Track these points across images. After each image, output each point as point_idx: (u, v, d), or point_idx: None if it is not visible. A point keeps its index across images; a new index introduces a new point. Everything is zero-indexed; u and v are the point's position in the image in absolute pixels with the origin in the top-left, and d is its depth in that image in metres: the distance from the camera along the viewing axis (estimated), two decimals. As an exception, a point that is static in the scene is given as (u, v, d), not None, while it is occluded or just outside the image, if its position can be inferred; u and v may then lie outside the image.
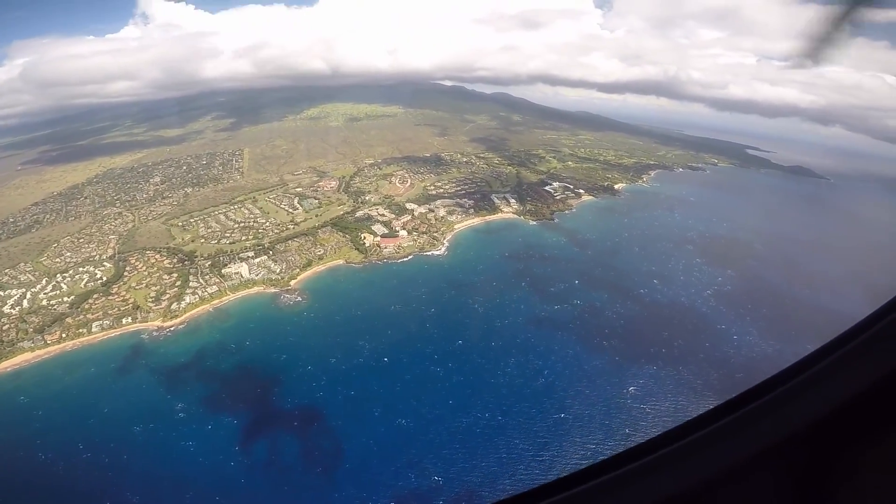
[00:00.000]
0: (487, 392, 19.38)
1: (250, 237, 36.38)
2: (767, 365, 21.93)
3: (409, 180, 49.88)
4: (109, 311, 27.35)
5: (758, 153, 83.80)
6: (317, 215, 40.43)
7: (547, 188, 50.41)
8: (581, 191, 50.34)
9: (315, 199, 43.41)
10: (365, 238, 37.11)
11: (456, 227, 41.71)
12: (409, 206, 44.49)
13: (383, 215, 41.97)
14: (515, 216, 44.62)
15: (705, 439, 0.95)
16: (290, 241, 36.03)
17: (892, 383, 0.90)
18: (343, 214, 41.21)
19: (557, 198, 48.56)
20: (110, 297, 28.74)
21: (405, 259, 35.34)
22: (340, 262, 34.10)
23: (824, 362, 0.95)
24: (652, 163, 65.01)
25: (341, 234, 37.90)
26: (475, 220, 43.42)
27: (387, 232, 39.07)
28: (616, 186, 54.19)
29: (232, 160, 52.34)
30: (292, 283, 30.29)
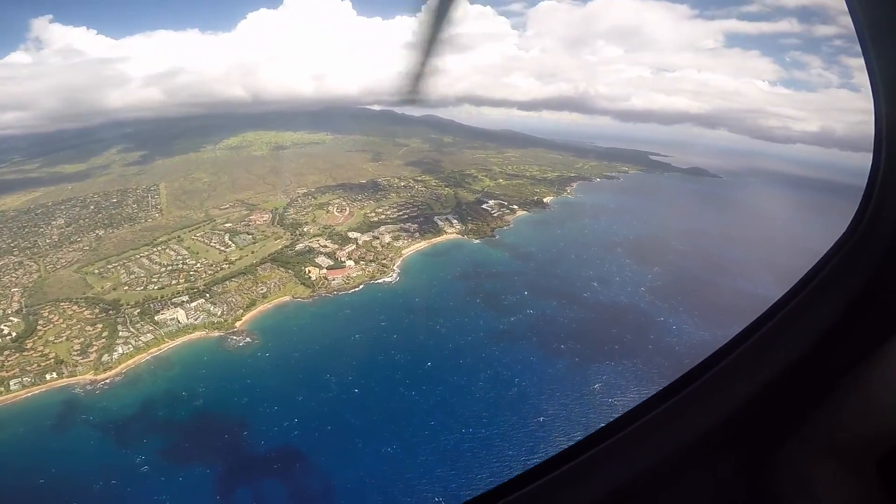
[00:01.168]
0: (466, 408, 20.07)
1: (181, 280, 33.99)
2: (706, 349, 24.95)
3: (348, 208, 49.72)
4: (28, 368, 24.39)
5: (659, 158, 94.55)
6: (252, 251, 38.77)
7: (484, 206, 52.88)
8: (515, 206, 53.47)
9: (248, 234, 41.63)
10: (310, 272, 36.31)
11: (404, 252, 42.18)
12: (352, 234, 44.23)
13: (326, 246, 41.34)
14: (459, 236, 46.21)
15: (642, 430, 0.95)
16: (227, 282, 34.20)
17: (815, 355, 0.96)
18: (282, 249, 39.92)
19: (495, 215, 51.13)
20: (25, 353, 25.57)
21: (356, 289, 35.15)
22: (287, 298, 33.05)
23: (749, 341, 1.02)
24: (573, 175, 70.84)
25: (283, 269, 36.76)
26: (422, 244, 44.23)
27: (332, 263, 38.52)
28: (545, 200, 58.28)
29: (147, 196, 48.49)
30: (237, 324, 28.80)
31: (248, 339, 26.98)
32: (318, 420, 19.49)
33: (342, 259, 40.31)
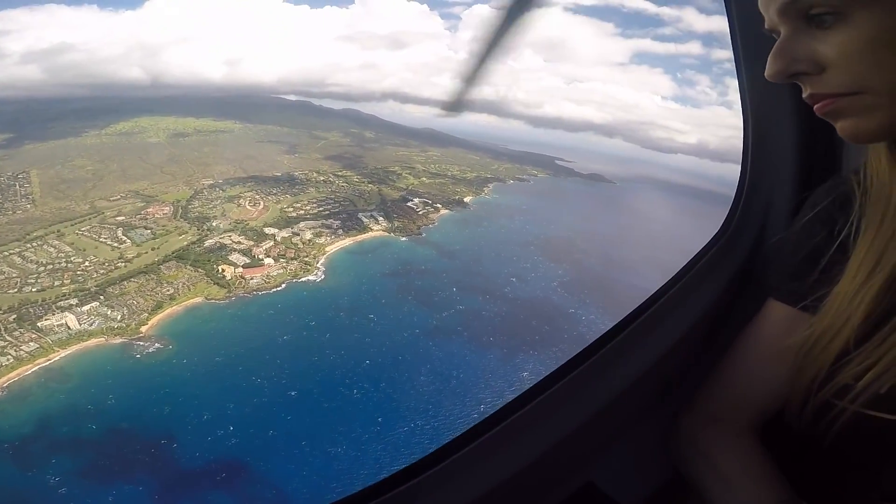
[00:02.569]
0: (411, 402, 21.09)
1: (66, 281, 29.76)
2: (608, 334, 28.96)
3: (262, 202, 47.22)
4: None
5: (564, 164, 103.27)
6: (153, 248, 35.18)
7: (409, 204, 53.82)
8: (439, 205, 55.17)
9: (146, 228, 37.55)
10: (224, 270, 34.12)
11: (327, 249, 41.40)
12: (269, 230, 42.22)
13: (240, 243, 38.92)
14: (386, 234, 46.59)
15: (536, 412, 0.86)
16: (125, 283, 30.75)
17: (695, 337, 1.04)
18: (188, 245, 36.74)
19: (420, 213, 52.31)
20: None
21: (278, 289, 33.97)
22: (199, 300, 30.78)
23: (634, 325, 1.03)
24: (489, 176, 74.69)
25: (192, 268, 34.04)
26: (346, 242, 43.76)
27: (249, 261, 36.55)
28: (465, 199, 60.93)
29: (15, 185, 40.98)
30: (143, 329, 26.22)
31: (157, 345, 24.79)
32: (256, 426, 19.02)
33: (260, 256, 38.27)
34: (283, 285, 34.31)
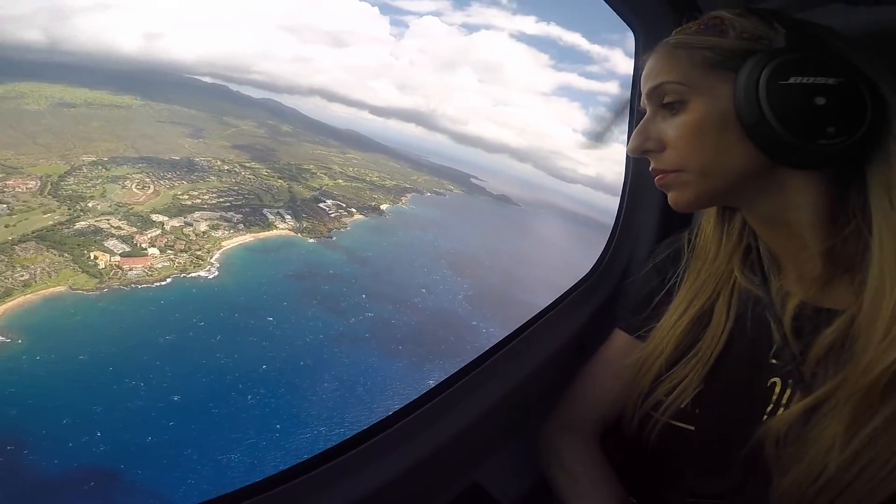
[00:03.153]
0: (315, 408, 20.34)
1: None
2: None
3: (153, 186, 42.61)
4: None
5: (478, 182, 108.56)
6: (7, 225, 29.80)
7: (321, 205, 52.33)
8: (353, 210, 54.43)
9: (2, 203, 31.75)
10: (97, 257, 30.02)
11: (224, 244, 38.44)
12: (157, 217, 38.14)
13: (120, 228, 34.56)
14: (293, 233, 44.64)
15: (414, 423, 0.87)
16: (-42, 264, 25.64)
17: (564, 354, 1.08)
18: (54, 226, 31.73)
19: (332, 216, 51.13)
20: None
21: (162, 283, 30.82)
22: (62, 289, 26.65)
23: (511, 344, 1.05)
24: (408, 186, 75.72)
25: (55, 252, 29.42)
26: (247, 238, 41.02)
27: (129, 250, 32.69)
28: (382, 207, 60.98)
29: None
30: (-19, 320, 21.98)
31: (3, 339, 20.81)
32: (129, 432, 16.79)
33: (142, 245, 34.12)
34: (169, 279, 31.03)
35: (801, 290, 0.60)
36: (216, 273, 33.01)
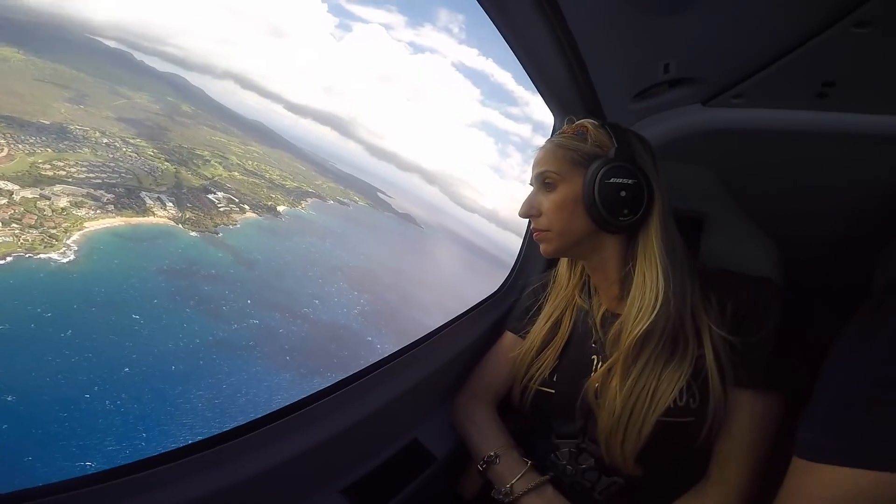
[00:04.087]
0: (188, 417, 18.80)
1: None
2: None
3: (7, 149, 36.27)
4: None
5: (385, 197, 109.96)
6: None
7: (210, 196, 48.72)
8: (246, 206, 51.54)
9: None
10: None
11: (87, 225, 34.05)
12: (5, 185, 32.58)
13: (-53, 190, 28.97)
14: (172, 223, 40.86)
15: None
16: None
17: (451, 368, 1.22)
18: None
19: (221, 209, 47.90)
20: None
21: (1, 262, 26.56)
22: None
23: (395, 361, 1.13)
24: (310, 191, 73.93)
25: None
26: (117, 221, 36.76)
27: (-45, 217, 27.55)
28: (279, 208, 58.68)
29: None
30: None
31: None
32: None
33: (-23, 215, 28.53)
34: (9, 259, 26.40)
35: (606, 304, 0.96)
36: (72, 257, 28.80)
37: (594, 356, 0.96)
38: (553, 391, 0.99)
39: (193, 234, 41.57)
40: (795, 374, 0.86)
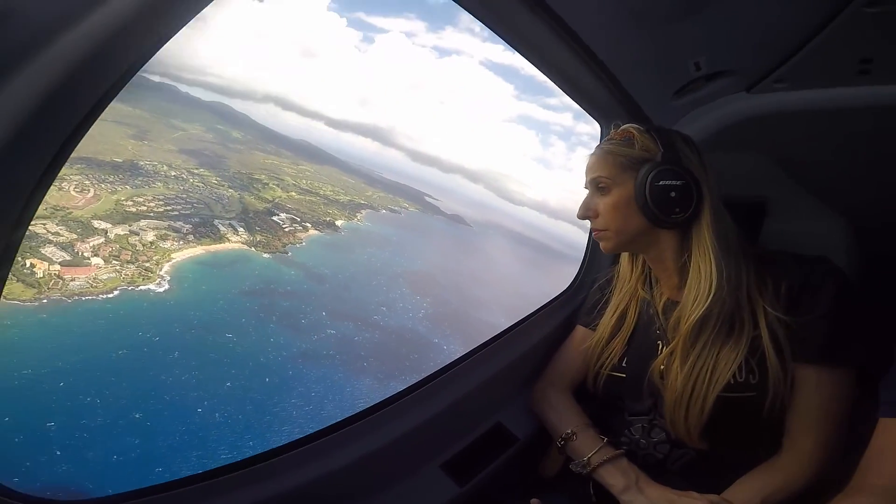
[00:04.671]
0: (285, 426, 20.44)
1: None
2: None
3: (93, 189, 40.49)
4: None
5: (432, 201, 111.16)
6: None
7: (275, 218, 51.68)
8: (308, 224, 54.20)
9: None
10: (35, 266, 28.43)
11: (174, 256, 37.19)
12: (99, 224, 36.37)
13: (58, 234, 32.74)
14: (245, 247, 43.79)
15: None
16: None
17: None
18: (-20, 230, 29.36)
19: (287, 230, 50.67)
20: None
21: (109, 295, 29.58)
22: (-8, 300, 24.89)
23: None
24: (363, 202, 76.34)
25: (-18, 259, 27.30)
26: (198, 250, 39.82)
27: (70, 259, 31.10)
28: (337, 223, 61.05)
29: None
30: None
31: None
32: (90, 449, 16.14)
33: (85, 254, 32.36)
34: (116, 292, 29.69)
35: (667, 292, 1.06)
36: (167, 287, 31.90)
37: (658, 341, 1.06)
38: (623, 375, 1.10)
39: (266, 255, 44.59)
40: (867, 349, 0.91)
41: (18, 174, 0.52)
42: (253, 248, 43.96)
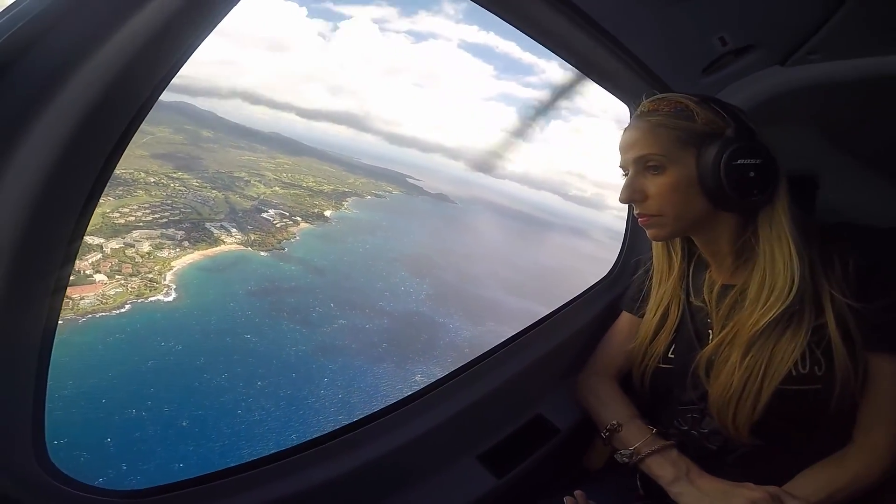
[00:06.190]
0: (320, 416, 21.84)
1: None
2: (477, 341, 34.42)
3: (78, 206, 39.64)
4: None
5: (414, 181, 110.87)
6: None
7: (264, 216, 51.64)
8: (298, 218, 54.26)
9: None
10: (41, 290, 28.50)
11: (174, 264, 37.41)
12: (93, 240, 36.05)
13: (55, 256, 32.53)
14: (242, 247, 44.06)
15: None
16: None
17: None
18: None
19: (278, 226, 50.81)
20: None
21: (121, 310, 30.04)
22: (6, 327, 25.29)
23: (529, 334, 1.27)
24: (346, 190, 76.09)
25: (-14, 287, 27.46)
26: (195, 256, 39.99)
27: (73, 278, 31.06)
28: (326, 213, 61.10)
29: None
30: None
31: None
32: (150, 461, 17.28)
33: (86, 272, 32.52)
34: (127, 306, 30.17)
35: (720, 277, 0.99)
36: (174, 295, 32.47)
37: (710, 330, 1.01)
38: (671, 366, 1.06)
39: (263, 253, 44.63)
40: None
41: (69, 190, 0.55)
42: (249, 248, 44.26)
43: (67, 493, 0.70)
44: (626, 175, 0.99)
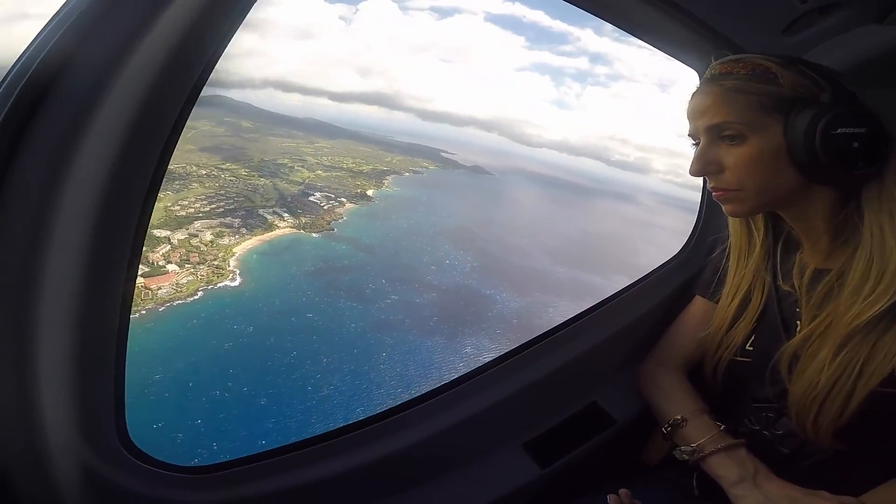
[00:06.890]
0: (384, 388, 23.10)
1: None
2: (525, 312, 34.45)
3: (142, 202, 42.16)
4: None
5: (449, 156, 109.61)
6: None
7: (311, 199, 53.05)
8: (343, 199, 55.38)
9: None
10: (123, 282, 30.89)
11: (235, 251, 39.33)
12: (160, 233, 38.28)
13: (131, 250, 34.98)
14: (295, 231, 45.68)
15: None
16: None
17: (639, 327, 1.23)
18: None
19: (325, 208, 52.08)
20: None
21: (194, 298, 32.07)
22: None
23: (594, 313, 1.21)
24: (385, 169, 76.43)
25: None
26: (253, 242, 41.87)
27: (148, 269, 33.50)
28: (368, 192, 61.90)
29: None
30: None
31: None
32: (235, 439, 18.83)
33: (159, 263, 34.88)
34: (200, 293, 32.30)
35: (812, 260, 0.88)
36: (239, 280, 34.38)
37: (797, 321, 0.90)
38: (749, 360, 0.96)
39: (315, 235, 46.19)
40: None
41: (130, 185, 0.58)
42: (302, 231, 45.91)
43: (143, 469, 0.77)
44: (695, 144, 0.91)
